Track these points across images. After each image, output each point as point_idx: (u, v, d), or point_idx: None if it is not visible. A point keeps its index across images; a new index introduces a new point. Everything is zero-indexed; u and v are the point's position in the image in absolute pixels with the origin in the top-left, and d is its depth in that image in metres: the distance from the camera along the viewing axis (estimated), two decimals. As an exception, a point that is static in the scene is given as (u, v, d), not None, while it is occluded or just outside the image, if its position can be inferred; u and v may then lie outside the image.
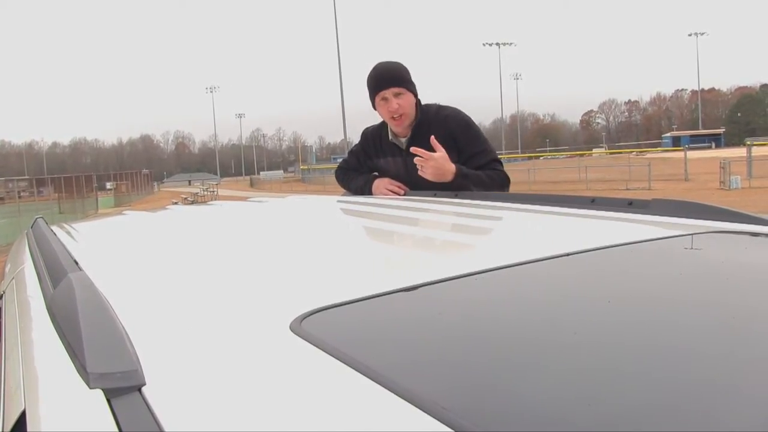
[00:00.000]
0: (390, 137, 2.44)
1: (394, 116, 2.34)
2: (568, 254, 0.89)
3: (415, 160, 2.20)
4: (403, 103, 2.32)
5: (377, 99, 2.36)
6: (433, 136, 2.21)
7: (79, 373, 0.51)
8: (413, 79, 2.40)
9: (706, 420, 0.45)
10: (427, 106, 2.42)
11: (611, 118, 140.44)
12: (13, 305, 0.94)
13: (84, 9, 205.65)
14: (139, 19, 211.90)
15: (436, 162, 2.18)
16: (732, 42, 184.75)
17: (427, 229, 1.30)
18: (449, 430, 0.41)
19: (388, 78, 2.34)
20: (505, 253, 1.00)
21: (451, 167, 2.20)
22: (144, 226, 1.73)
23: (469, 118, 2.41)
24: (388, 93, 2.31)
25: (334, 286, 0.80)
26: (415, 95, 2.38)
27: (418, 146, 2.32)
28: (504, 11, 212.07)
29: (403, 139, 2.41)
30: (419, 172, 2.22)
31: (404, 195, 2.30)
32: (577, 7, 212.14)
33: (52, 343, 0.61)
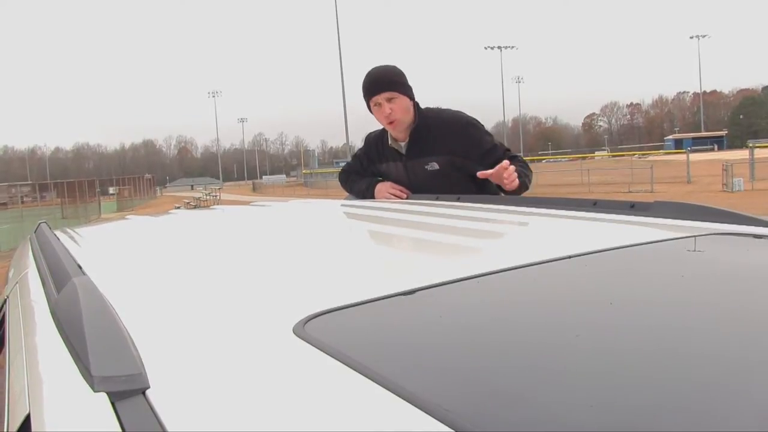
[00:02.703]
0: (390, 142, 2.44)
1: (388, 121, 2.34)
2: (570, 257, 0.89)
3: (502, 178, 2.12)
4: (396, 107, 2.31)
5: (371, 104, 2.37)
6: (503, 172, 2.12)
7: (83, 376, 0.51)
8: (412, 82, 2.39)
9: (709, 421, 0.45)
10: (427, 109, 2.41)
11: (613, 120, 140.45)
12: (18, 309, 0.95)
13: (87, 14, 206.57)
14: (141, 25, 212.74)
15: (508, 169, 2.11)
16: (733, 44, 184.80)
17: (430, 232, 1.30)
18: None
19: (380, 83, 2.34)
20: (507, 255, 1.00)
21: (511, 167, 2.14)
22: (147, 231, 1.73)
23: (472, 117, 2.39)
24: (380, 98, 2.31)
25: (337, 290, 0.80)
26: (411, 98, 2.37)
27: (417, 150, 2.33)
28: (506, 15, 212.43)
29: (402, 144, 2.41)
30: (507, 187, 2.15)
31: (406, 199, 2.30)
32: (578, 10, 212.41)
33: (57, 347, 0.61)
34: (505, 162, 2.13)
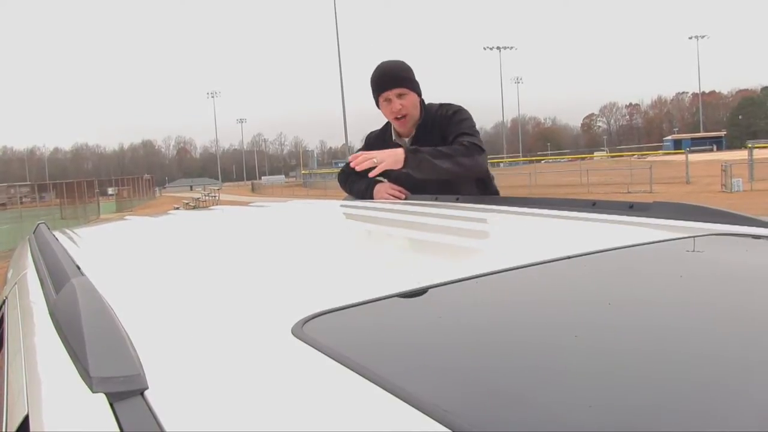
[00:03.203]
0: (394, 137, 2.45)
1: (398, 117, 2.35)
2: (569, 257, 0.89)
3: (360, 165, 2.17)
4: (406, 103, 2.33)
5: (380, 100, 2.37)
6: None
7: (81, 377, 0.51)
8: (417, 78, 2.41)
9: (709, 421, 0.45)
10: (430, 105, 2.44)
11: (612, 121, 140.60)
12: (16, 310, 0.95)
13: (86, 14, 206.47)
14: (140, 25, 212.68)
15: (374, 155, 2.15)
16: (732, 44, 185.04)
17: (428, 232, 1.30)
18: None
19: (390, 79, 2.35)
20: (506, 256, 1.00)
21: (397, 149, 2.16)
22: (146, 231, 1.73)
23: (460, 107, 2.39)
24: (390, 94, 2.32)
25: (336, 290, 0.80)
26: (419, 94, 2.38)
27: (421, 145, 2.33)
28: (504, 15, 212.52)
29: (407, 139, 2.42)
30: (372, 173, 2.17)
31: (405, 199, 2.30)
32: (577, 10, 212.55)
33: (55, 348, 0.61)
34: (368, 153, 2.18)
